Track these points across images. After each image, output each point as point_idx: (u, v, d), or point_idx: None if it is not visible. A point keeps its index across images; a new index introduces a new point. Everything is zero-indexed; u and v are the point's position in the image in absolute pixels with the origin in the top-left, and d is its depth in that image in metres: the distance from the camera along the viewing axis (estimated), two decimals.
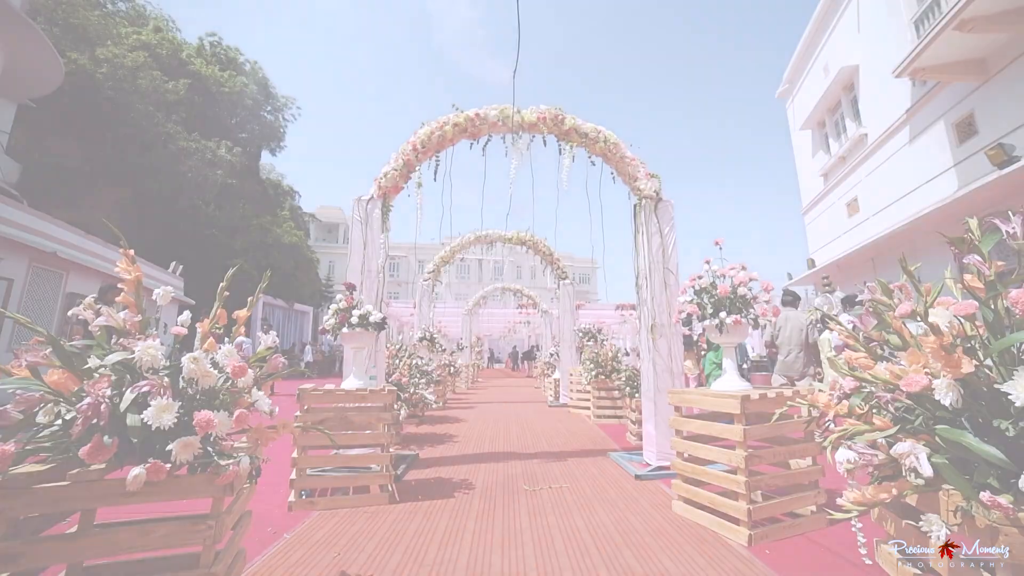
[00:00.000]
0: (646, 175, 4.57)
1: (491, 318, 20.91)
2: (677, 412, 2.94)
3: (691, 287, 3.02)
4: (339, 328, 3.29)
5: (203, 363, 1.42)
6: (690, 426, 2.77)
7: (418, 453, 4.57)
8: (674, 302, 4.25)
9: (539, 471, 3.98)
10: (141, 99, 18.17)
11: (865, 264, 13.94)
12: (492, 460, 4.40)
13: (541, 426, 6.39)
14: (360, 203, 4.42)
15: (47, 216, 9.23)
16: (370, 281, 4.26)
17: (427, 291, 9.46)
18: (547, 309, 14.84)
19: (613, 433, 5.82)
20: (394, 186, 4.50)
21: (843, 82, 14.05)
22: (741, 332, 2.82)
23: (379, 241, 4.32)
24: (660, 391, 4.09)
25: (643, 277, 4.39)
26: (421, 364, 6.34)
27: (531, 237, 9.42)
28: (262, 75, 29.02)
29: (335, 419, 2.98)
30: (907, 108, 10.60)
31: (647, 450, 4.18)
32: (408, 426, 6.18)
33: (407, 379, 5.05)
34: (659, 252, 4.35)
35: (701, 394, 2.73)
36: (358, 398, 3.05)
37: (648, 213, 4.44)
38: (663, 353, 4.16)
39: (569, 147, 4.59)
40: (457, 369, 10.82)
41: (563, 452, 4.75)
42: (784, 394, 2.53)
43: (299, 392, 2.91)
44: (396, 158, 4.52)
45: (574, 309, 9.45)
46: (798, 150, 18.70)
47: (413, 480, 3.70)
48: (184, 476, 1.31)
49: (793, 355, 4.90)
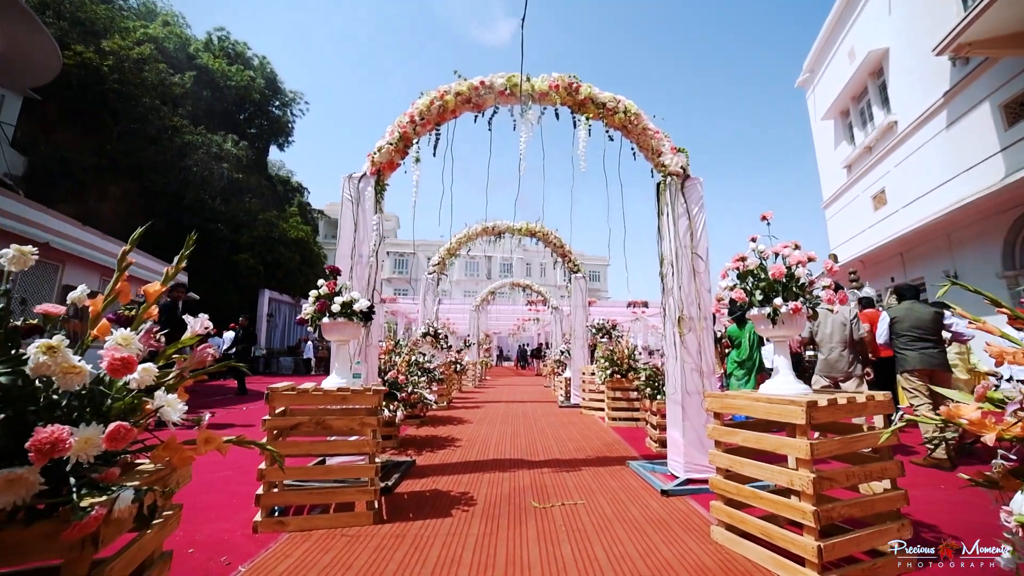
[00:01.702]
0: (671, 149, 4.06)
1: (500, 315, 20.45)
2: (717, 420, 2.45)
3: (734, 270, 2.51)
4: (318, 318, 2.85)
5: (63, 355, 0.97)
6: (735, 437, 2.27)
7: (415, 460, 4.12)
8: (704, 292, 3.75)
9: (550, 483, 3.50)
10: (147, 92, 17.99)
11: (893, 259, 13.22)
12: (497, 469, 3.93)
13: (552, 429, 5.91)
14: (351, 181, 3.97)
15: (41, 207, 8.97)
16: (361, 267, 3.82)
17: (432, 285, 9.03)
18: (557, 305, 14.35)
19: (630, 438, 5.32)
20: (389, 162, 4.05)
21: (870, 67, 13.30)
22: (798, 323, 2.32)
23: (372, 223, 3.87)
24: (689, 393, 3.59)
25: (668, 264, 3.88)
26: (423, 361, 5.89)
27: (541, 228, 8.93)
28: (270, 69, 28.82)
29: (311, 424, 2.54)
30: (945, 91, 9.88)
31: (672, 460, 3.68)
32: (407, 427, 5.74)
33: (405, 377, 4.61)
34: (686, 236, 3.84)
35: (750, 398, 2.23)
36: (339, 399, 2.60)
37: (674, 192, 3.93)
38: (692, 350, 3.65)
39: (585, 119, 4.09)
40: (464, 367, 10.38)
41: (576, 460, 4.27)
42: (857, 400, 2.03)
43: (268, 392, 2.47)
44: (391, 131, 4.07)
45: (586, 304, 8.94)
46: (819, 141, 17.92)
47: (406, 492, 3.25)
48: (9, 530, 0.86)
49: (836, 353, 4.36)
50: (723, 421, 2.45)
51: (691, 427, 3.55)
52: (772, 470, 2.02)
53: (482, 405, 8.59)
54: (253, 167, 24.97)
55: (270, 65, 29.06)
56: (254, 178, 24.71)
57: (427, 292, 9.00)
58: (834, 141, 16.62)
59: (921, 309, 3.89)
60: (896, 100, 12.30)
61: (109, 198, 18.52)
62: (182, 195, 19.01)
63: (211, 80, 22.61)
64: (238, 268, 18.98)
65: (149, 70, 17.60)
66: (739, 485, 2.21)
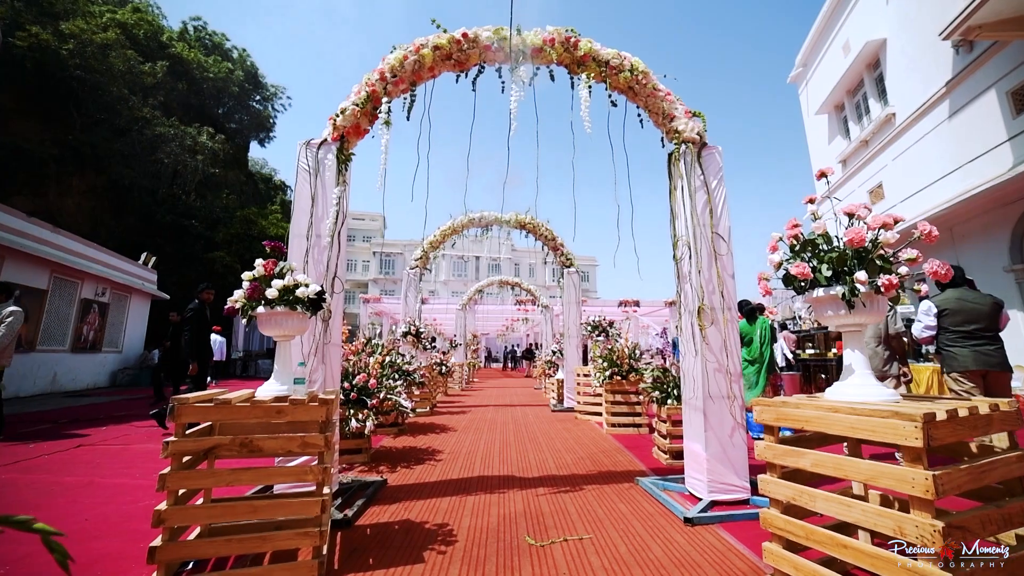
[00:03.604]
0: (686, 113, 3.50)
1: (488, 315, 19.80)
2: (769, 435, 1.86)
3: (788, 241, 1.95)
4: (251, 307, 2.20)
5: None
6: (801, 460, 1.69)
7: (386, 479, 3.47)
8: (727, 278, 3.19)
9: (547, 508, 2.90)
10: (114, 81, 16.97)
11: None
12: (484, 489, 3.31)
13: (545, 437, 5.30)
14: (309, 148, 3.32)
15: None
16: (319, 250, 3.17)
17: (414, 280, 8.37)
18: (547, 304, 13.78)
19: (633, 446, 4.75)
20: (354, 126, 3.41)
21: (867, 59, 13.02)
22: (880, 307, 1.76)
23: (333, 197, 3.23)
24: (712, 398, 3.01)
25: (684, 246, 3.31)
26: (400, 363, 5.24)
27: (531, 220, 8.35)
28: (251, 63, 27.84)
29: (234, 446, 1.89)
30: (947, 80, 9.56)
31: (692, 477, 3.10)
32: (383, 437, 5.09)
33: (377, 381, 3.96)
34: (705, 213, 3.28)
35: (822, 407, 1.66)
36: (273, 412, 1.96)
37: (690, 162, 3.37)
38: (715, 347, 3.08)
39: (586, 77, 3.51)
40: (449, 369, 9.72)
41: (576, 476, 3.67)
42: (979, 411, 1.46)
43: (173, 405, 1.82)
44: (358, 90, 3.43)
45: (580, 301, 8.37)
46: (812, 137, 17.70)
47: (371, 525, 2.61)
48: None
49: (869, 348, 3.83)
50: (777, 437, 1.86)
51: (715, 438, 2.98)
52: (869, 511, 1.44)
53: (469, 410, 7.95)
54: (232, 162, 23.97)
55: (250, 58, 28.07)
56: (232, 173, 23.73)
57: (408, 288, 8.34)
58: (828, 136, 16.38)
59: (975, 299, 3.39)
60: (894, 92, 12.01)
61: (72, 192, 17.42)
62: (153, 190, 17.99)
63: (186, 71, 21.59)
64: (213, 266, 18.03)
65: (116, 56, 16.59)
66: (811, 527, 1.63)
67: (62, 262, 9.75)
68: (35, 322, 9.28)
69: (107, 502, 2.93)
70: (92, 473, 3.59)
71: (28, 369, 9.18)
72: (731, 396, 3.04)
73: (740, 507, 2.84)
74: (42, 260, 9.21)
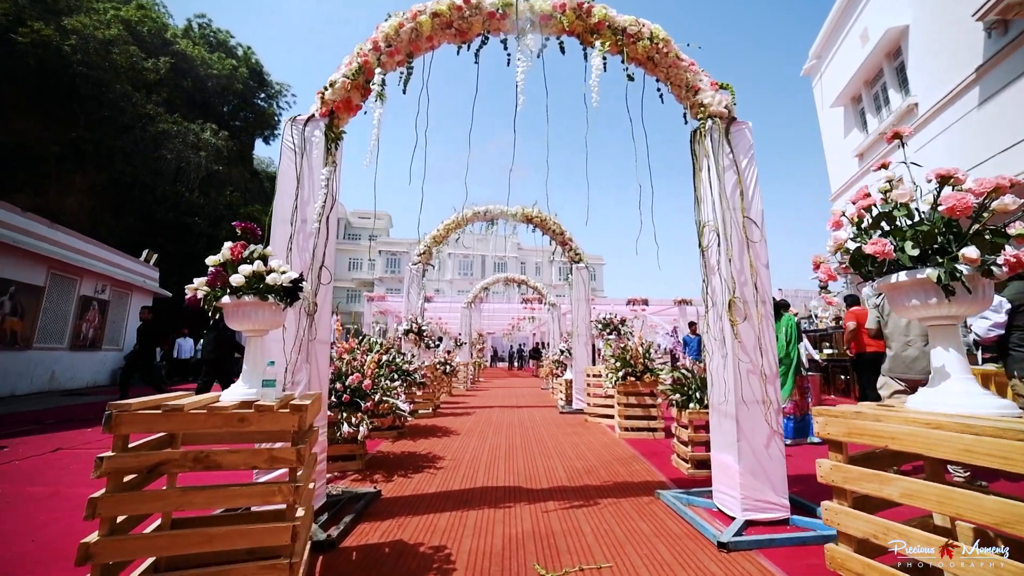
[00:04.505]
0: (712, 85, 3.14)
1: (494, 313, 19.49)
2: (835, 453, 1.51)
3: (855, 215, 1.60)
4: (215, 296, 1.88)
5: None
6: (888, 488, 1.34)
7: (380, 490, 3.15)
8: (761, 267, 2.83)
9: (559, 527, 2.56)
10: (117, 77, 16.85)
11: None
12: (488, 503, 2.98)
13: (554, 442, 4.96)
14: (295, 124, 3.01)
15: None
16: (304, 236, 2.85)
17: (416, 276, 8.05)
18: (554, 302, 13.43)
19: (649, 453, 4.40)
20: (345, 100, 3.09)
21: (887, 47, 12.52)
22: (987, 295, 1.40)
23: (321, 178, 2.91)
24: (746, 404, 2.66)
25: (711, 232, 2.96)
26: (400, 362, 4.92)
27: (538, 214, 7.99)
28: (255, 60, 27.71)
29: (187, 462, 1.58)
30: (977, 66, 9.07)
31: (722, 492, 2.75)
32: (381, 441, 4.77)
33: (371, 382, 3.64)
34: (735, 195, 2.92)
35: (916, 421, 1.30)
36: (232, 421, 1.64)
37: (717, 139, 3.01)
38: (748, 345, 2.72)
39: (600, 46, 3.16)
40: (454, 368, 9.41)
41: (589, 487, 3.33)
42: None
43: (109, 414, 1.50)
44: (349, 61, 3.12)
45: (589, 298, 8.01)
46: (827, 130, 17.17)
47: (358, 548, 2.29)
48: None
49: (914, 349, 3.45)
50: (845, 455, 1.51)
51: (750, 449, 2.62)
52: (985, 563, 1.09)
53: (473, 411, 7.63)
54: (236, 159, 23.86)
55: (255, 56, 27.95)
56: (236, 171, 23.61)
57: (411, 285, 8.03)
58: (844, 129, 15.87)
59: None
60: (916, 81, 11.51)
61: (74, 190, 17.35)
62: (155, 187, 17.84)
63: (190, 68, 21.46)
64: None
65: (118, 53, 16.46)
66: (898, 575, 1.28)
67: (60, 258, 9.56)
68: (32, 319, 9.10)
69: (66, 517, 2.63)
70: (61, 481, 3.31)
71: (25, 367, 8.99)
72: (766, 401, 2.68)
73: (780, 529, 2.49)
74: (39, 256, 9.01)
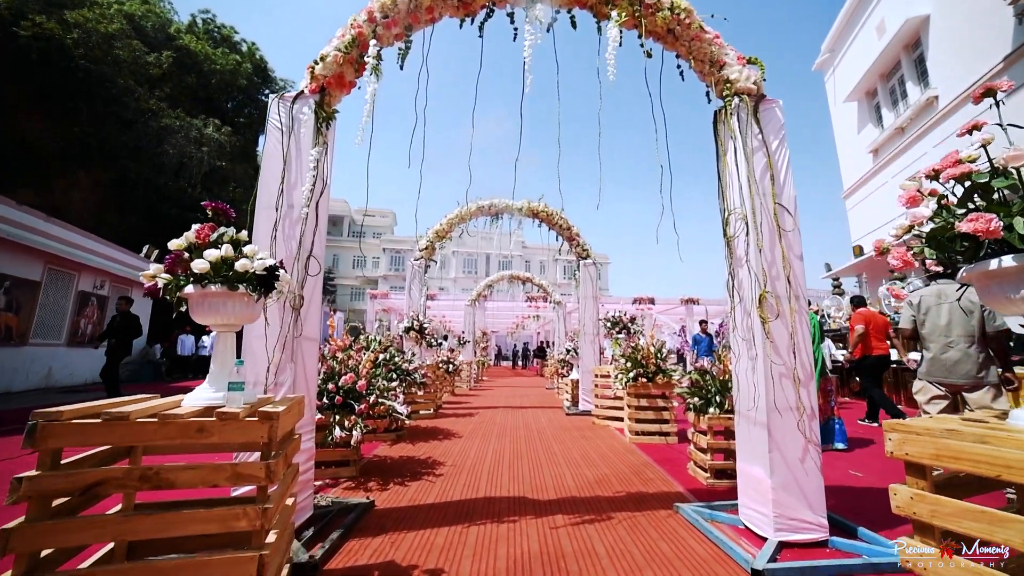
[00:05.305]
0: (739, 59, 2.86)
1: (498, 312, 19.24)
2: (917, 479, 1.24)
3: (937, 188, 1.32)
4: (177, 285, 1.63)
5: None
6: (1006, 532, 1.06)
7: (373, 501, 2.90)
8: (794, 259, 2.56)
9: (569, 546, 2.30)
10: (120, 72, 16.71)
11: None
12: (490, 516, 2.72)
13: (561, 447, 4.70)
14: (282, 102, 2.76)
15: None
16: (290, 223, 2.60)
17: (419, 272, 7.81)
18: (560, 300, 13.17)
19: (663, 459, 4.13)
20: (337, 76, 2.83)
21: (905, 38, 12.12)
22: None
23: (309, 160, 2.66)
24: (779, 411, 2.38)
25: (738, 221, 2.68)
26: (400, 361, 4.68)
27: (544, 208, 7.72)
28: (260, 56, 27.59)
29: (132, 481, 1.33)
30: (1005, 55, 8.69)
31: (751, 508, 2.47)
32: (379, 444, 4.53)
33: (366, 382, 3.39)
34: (765, 179, 2.64)
35: None
36: (189, 431, 1.39)
37: (745, 118, 2.73)
38: (781, 345, 2.44)
39: (617, 16, 2.88)
40: (457, 367, 9.17)
41: (602, 499, 3.06)
42: None
43: (34, 425, 1.25)
44: (342, 33, 2.86)
45: (597, 296, 7.73)
46: (839, 126, 16.78)
47: (344, 570, 2.04)
48: None
49: (957, 351, 3.15)
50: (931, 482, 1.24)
51: (782, 461, 2.35)
52: None
53: (476, 412, 7.38)
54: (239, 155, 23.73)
55: (260, 51, 27.82)
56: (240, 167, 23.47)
57: (413, 280, 7.78)
58: (858, 125, 15.47)
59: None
60: (937, 73, 11.12)
61: (78, 186, 17.24)
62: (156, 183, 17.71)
63: (194, 63, 21.32)
64: None
65: (121, 47, 16.31)
66: None
67: (57, 253, 9.39)
68: (28, 314, 8.94)
69: None
70: None
71: (20, 363, 8.84)
72: (800, 407, 2.40)
73: (819, 553, 2.21)
74: (35, 251, 8.85)
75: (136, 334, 6.86)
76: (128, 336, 6.68)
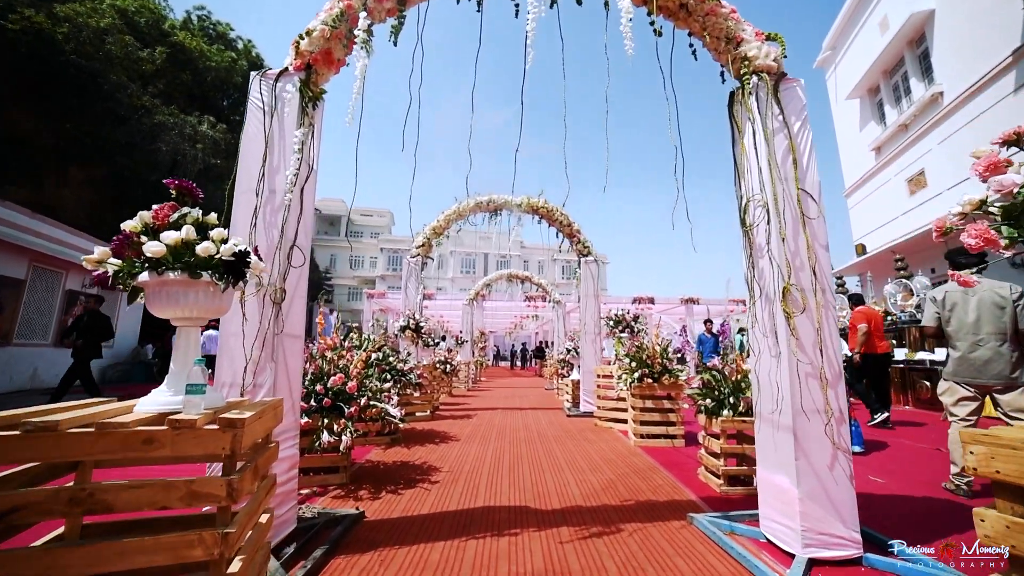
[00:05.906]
0: (757, 35, 2.66)
1: (496, 311, 19.03)
2: (1011, 503, 1.04)
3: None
4: (129, 271, 1.42)
5: None
6: None
7: (363, 512, 2.69)
8: (819, 249, 2.36)
9: (577, 563, 2.09)
10: (112, 67, 16.43)
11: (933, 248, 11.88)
12: (490, 529, 2.51)
13: (564, 450, 4.49)
14: (265, 80, 2.55)
15: None
16: (271, 210, 2.39)
17: (415, 270, 7.59)
18: (559, 299, 12.97)
19: (670, 463, 3.92)
20: (324, 52, 2.62)
21: (909, 34, 11.96)
22: None
23: (294, 142, 2.45)
24: (806, 414, 2.18)
25: (757, 208, 2.48)
26: (393, 361, 4.46)
27: (544, 204, 7.52)
28: (256, 53, 27.31)
29: (62, 504, 1.12)
30: (1014, 48, 8.53)
31: (775, 521, 2.27)
32: (372, 448, 4.32)
33: (357, 383, 3.18)
34: (787, 163, 2.44)
35: None
36: (134, 442, 1.18)
37: (765, 98, 2.53)
38: (806, 343, 2.24)
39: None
40: (455, 368, 8.95)
41: (609, 508, 2.86)
42: None
43: None
44: (330, 6, 2.65)
45: (598, 294, 7.53)
46: (841, 124, 16.62)
47: None
48: None
49: (987, 350, 2.96)
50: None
51: (810, 470, 2.15)
52: None
53: (474, 413, 7.17)
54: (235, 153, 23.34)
55: (256, 49, 27.56)
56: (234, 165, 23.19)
57: (409, 278, 7.57)
58: (860, 122, 15.33)
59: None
60: (941, 68, 10.97)
61: (71, 183, 16.97)
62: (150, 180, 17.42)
63: (188, 60, 21.04)
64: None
65: (112, 42, 16.03)
66: None
67: (43, 251, 9.14)
68: (12, 313, 8.68)
69: None
70: None
71: (3, 364, 8.58)
72: (828, 411, 2.20)
73: (853, 572, 2.01)
74: (19, 248, 8.59)
75: (105, 336, 6.55)
76: (96, 337, 6.37)
